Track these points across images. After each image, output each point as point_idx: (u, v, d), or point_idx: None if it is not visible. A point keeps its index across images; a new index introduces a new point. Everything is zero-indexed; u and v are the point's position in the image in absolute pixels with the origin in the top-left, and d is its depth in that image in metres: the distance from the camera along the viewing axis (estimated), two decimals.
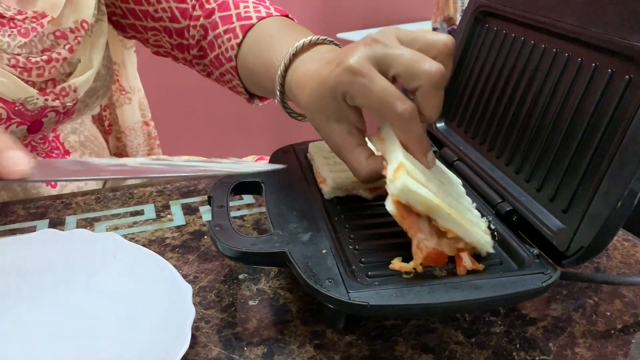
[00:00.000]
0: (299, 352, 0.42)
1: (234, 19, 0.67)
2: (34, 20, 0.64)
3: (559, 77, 0.47)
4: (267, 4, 0.71)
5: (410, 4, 1.81)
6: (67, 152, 0.76)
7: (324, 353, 0.42)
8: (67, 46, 0.66)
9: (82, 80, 0.68)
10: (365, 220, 0.49)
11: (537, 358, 0.41)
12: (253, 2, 0.69)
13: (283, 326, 0.45)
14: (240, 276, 0.51)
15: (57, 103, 0.66)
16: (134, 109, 0.93)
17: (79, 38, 0.67)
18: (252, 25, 0.65)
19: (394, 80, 0.43)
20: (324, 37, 0.55)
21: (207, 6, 0.71)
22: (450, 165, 0.57)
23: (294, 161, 0.60)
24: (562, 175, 0.44)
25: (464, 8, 1.31)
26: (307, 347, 0.42)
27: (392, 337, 0.43)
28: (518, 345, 0.42)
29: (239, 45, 0.65)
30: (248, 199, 0.64)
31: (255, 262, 0.47)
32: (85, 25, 0.68)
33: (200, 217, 0.61)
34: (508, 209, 0.47)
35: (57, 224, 0.59)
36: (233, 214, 0.61)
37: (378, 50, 0.43)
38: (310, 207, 0.50)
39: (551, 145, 0.46)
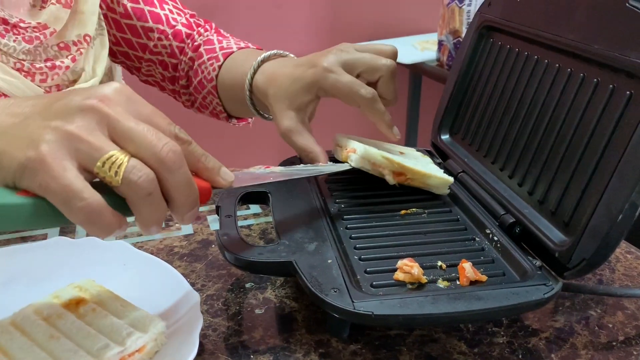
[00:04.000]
0: None
1: (217, 49, 0.76)
2: (36, 29, 0.67)
3: (561, 91, 0.48)
4: (247, 43, 0.80)
5: (416, 16, 1.82)
6: None
7: (330, 359, 0.42)
8: (70, 57, 0.70)
9: (84, 86, 0.71)
10: (370, 231, 0.50)
11: None
12: (234, 39, 0.79)
13: (288, 335, 0.45)
14: (247, 285, 0.51)
15: None
16: None
17: (81, 50, 0.72)
18: (232, 52, 0.75)
19: (358, 77, 0.57)
20: (284, 52, 0.68)
21: (195, 43, 0.79)
22: (454, 177, 0.57)
23: None
24: (565, 188, 0.44)
25: (469, 21, 1.32)
26: (312, 355, 0.43)
27: (396, 346, 0.44)
28: (520, 356, 0.42)
29: (220, 67, 0.74)
30: (255, 208, 0.65)
31: (262, 272, 0.48)
32: (87, 38, 0.73)
33: (208, 226, 0.62)
34: (511, 220, 0.47)
35: (67, 232, 0.60)
36: (240, 223, 0.62)
37: (344, 56, 0.57)
38: (316, 217, 0.51)
39: (554, 158, 0.46)
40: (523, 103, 0.52)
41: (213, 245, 0.58)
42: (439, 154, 0.64)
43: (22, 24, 0.66)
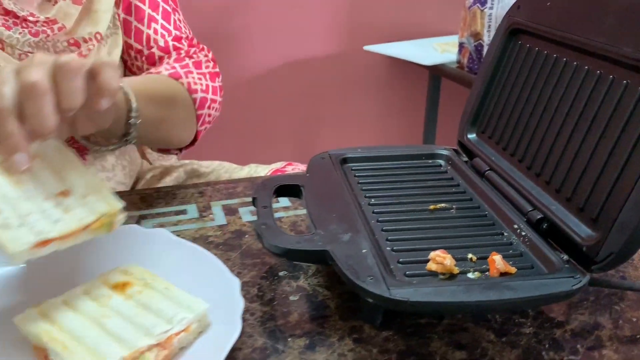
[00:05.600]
0: (339, 344, 0.45)
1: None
2: (45, 24, 0.71)
3: (590, 93, 0.49)
4: (185, 65, 0.78)
5: (436, 18, 1.84)
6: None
7: (363, 346, 0.44)
8: (78, 53, 0.73)
9: None
10: (401, 224, 0.52)
11: (566, 358, 0.43)
12: (171, 64, 0.77)
13: (323, 320, 0.47)
14: (281, 273, 0.54)
15: None
16: None
17: (90, 47, 0.74)
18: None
19: None
20: None
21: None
22: (481, 175, 0.59)
23: (330, 167, 0.63)
24: (592, 185, 0.46)
25: (490, 24, 1.34)
26: (347, 340, 0.45)
27: (426, 334, 0.45)
28: (547, 346, 0.44)
29: None
30: (284, 202, 0.67)
31: (299, 259, 0.50)
32: (98, 36, 0.75)
33: (240, 217, 0.64)
34: (539, 216, 0.49)
35: None
36: None
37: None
38: (348, 210, 0.53)
39: (582, 157, 0.48)
40: (551, 103, 0.54)
41: (247, 236, 0.60)
42: (465, 153, 0.65)
43: (31, 18, 0.69)
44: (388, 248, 0.48)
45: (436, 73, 1.59)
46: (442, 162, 0.66)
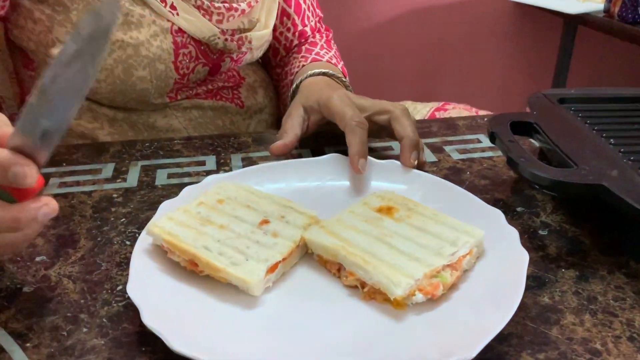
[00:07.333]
0: (611, 278, 0.45)
1: (312, 52, 0.83)
2: None
3: None
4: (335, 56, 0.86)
5: None
6: (242, 78, 0.85)
7: (638, 279, 0.44)
8: (247, 2, 0.75)
9: (257, 35, 0.79)
10: None
11: None
12: (334, 53, 0.86)
13: (584, 255, 0.47)
14: (518, 209, 0.54)
15: (233, 46, 0.76)
16: None
17: (252, 4, 0.76)
18: (319, 61, 0.82)
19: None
20: (332, 72, 0.74)
21: (303, 45, 0.87)
22: None
23: (551, 106, 0.61)
24: None
25: None
26: (617, 274, 0.45)
27: None
28: None
29: (303, 66, 0.80)
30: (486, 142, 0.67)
31: (566, 192, 0.49)
32: None
33: (449, 155, 0.64)
34: None
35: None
36: (475, 155, 0.64)
37: (355, 99, 0.62)
38: (596, 148, 0.52)
39: None
40: None
41: (466, 173, 0.60)
42: None
43: None
44: None
45: (574, 22, 1.51)
46: None
